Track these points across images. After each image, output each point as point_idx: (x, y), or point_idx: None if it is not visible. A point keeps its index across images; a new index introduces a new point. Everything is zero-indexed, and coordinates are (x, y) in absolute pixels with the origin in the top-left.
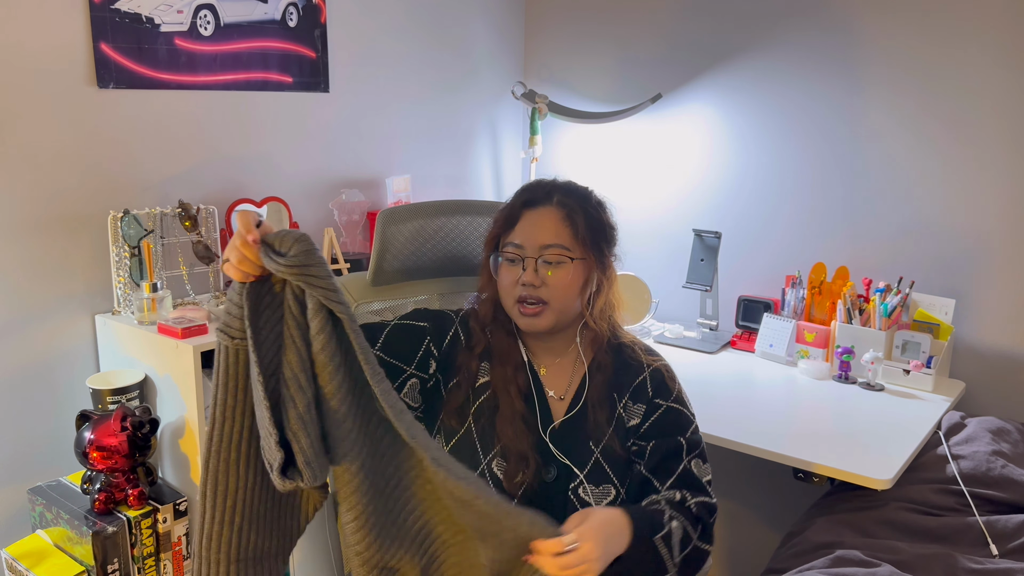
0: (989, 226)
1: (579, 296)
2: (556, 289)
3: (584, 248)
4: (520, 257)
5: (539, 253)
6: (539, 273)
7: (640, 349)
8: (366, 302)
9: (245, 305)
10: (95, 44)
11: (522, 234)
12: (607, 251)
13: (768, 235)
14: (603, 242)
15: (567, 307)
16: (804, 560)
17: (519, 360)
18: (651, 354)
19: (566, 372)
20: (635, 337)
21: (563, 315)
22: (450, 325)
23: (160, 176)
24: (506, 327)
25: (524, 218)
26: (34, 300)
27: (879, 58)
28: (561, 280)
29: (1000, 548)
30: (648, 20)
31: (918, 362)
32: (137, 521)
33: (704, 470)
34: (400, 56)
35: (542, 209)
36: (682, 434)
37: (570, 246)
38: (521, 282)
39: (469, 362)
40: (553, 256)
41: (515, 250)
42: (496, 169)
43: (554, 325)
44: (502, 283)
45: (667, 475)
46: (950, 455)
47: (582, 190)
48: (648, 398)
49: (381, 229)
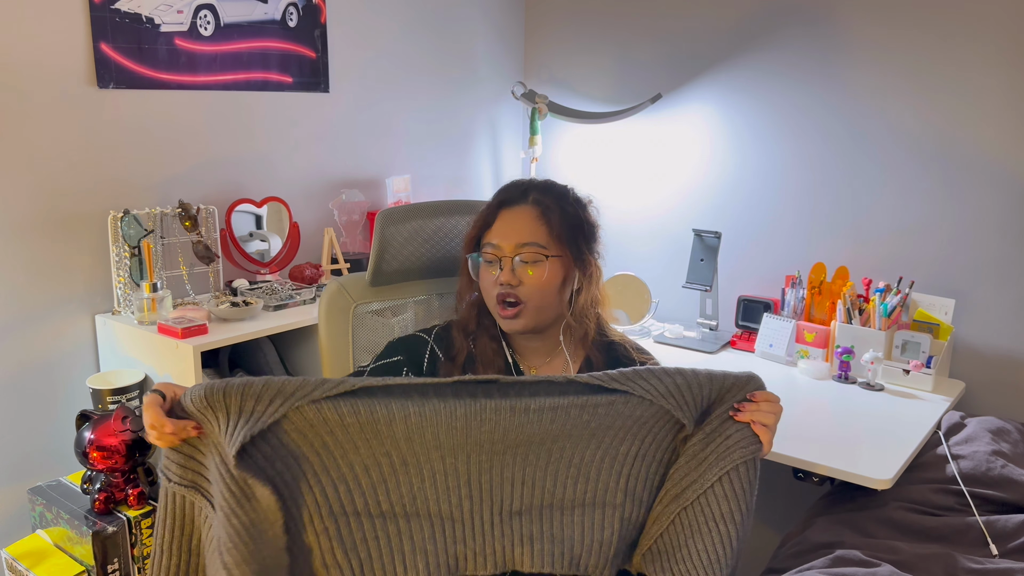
0: (989, 226)
1: (558, 294)
2: (532, 288)
3: (560, 245)
4: (497, 257)
5: (515, 252)
6: (516, 272)
7: (631, 348)
8: (365, 303)
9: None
10: (95, 44)
11: (498, 234)
12: (586, 248)
13: (768, 235)
14: (581, 239)
15: (545, 305)
16: (804, 560)
17: (502, 364)
18: (642, 353)
19: (555, 372)
20: (624, 335)
21: (542, 313)
22: (424, 347)
23: (160, 176)
24: (490, 331)
25: (500, 218)
26: (34, 300)
27: (879, 58)
28: (537, 279)
29: (1000, 548)
30: (648, 21)
31: (918, 362)
32: (137, 521)
33: None
34: (400, 56)
35: (517, 208)
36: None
37: (545, 244)
38: (498, 282)
39: (451, 373)
40: (529, 254)
41: (492, 250)
42: (496, 169)
43: (535, 325)
44: (482, 284)
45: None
46: (950, 455)
47: (559, 188)
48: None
49: (380, 229)
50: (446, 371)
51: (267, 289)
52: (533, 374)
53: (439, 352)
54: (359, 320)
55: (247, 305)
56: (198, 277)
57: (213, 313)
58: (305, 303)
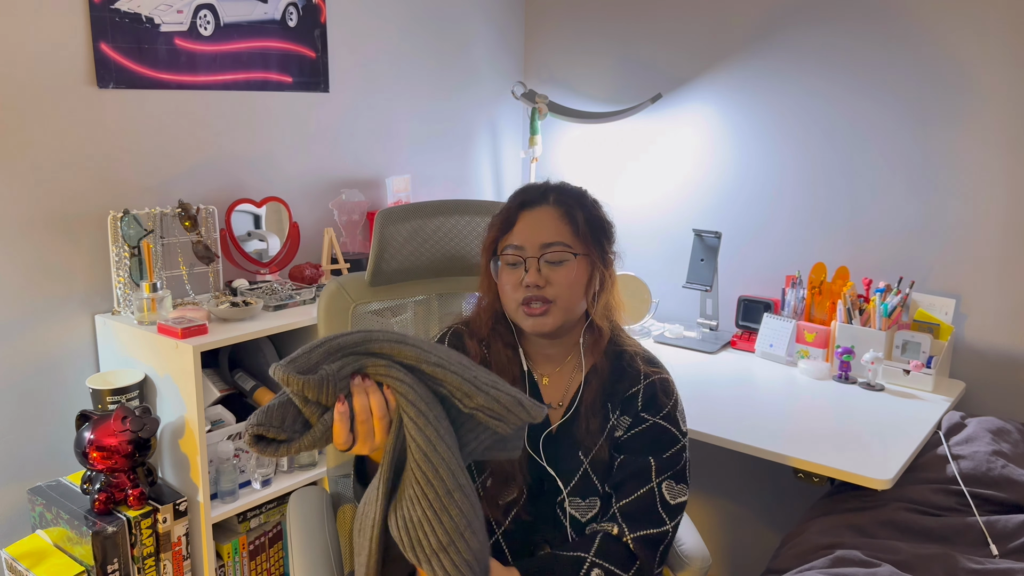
0: (989, 226)
1: (584, 294)
2: (561, 287)
3: (586, 244)
4: (521, 259)
5: (540, 252)
6: (542, 273)
7: (641, 359)
8: (364, 303)
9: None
10: (95, 44)
11: (521, 235)
12: (608, 247)
13: (768, 235)
14: (603, 238)
15: (572, 305)
16: (804, 560)
17: (517, 372)
18: (652, 365)
19: (565, 380)
20: (639, 345)
21: (569, 313)
22: None
23: (160, 176)
24: (505, 338)
25: (522, 219)
26: (34, 300)
27: (879, 57)
28: (565, 277)
29: (1000, 548)
30: (648, 20)
31: (918, 362)
32: (137, 521)
33: (677, 492)
34: (400, 56)
35: (540, 209)
36: (657, 453)
37: (571, 243)
38: (524, 283)
39: None
40: (555, 254)
41: (515, 252)
42: (496, 169)
43: (561, 325)
44: (504, 288)
45: (625, 495)
46: (950, 455)
47: (577, 189)
48: (636, 411)
49: (379, 229)
50: None
51: (267, 289)
52: (545, 383)
53: None
54: (358, 320)
55: (247, 305)
56: (198, 277)
57: (213, 313)
58: (305, 303)
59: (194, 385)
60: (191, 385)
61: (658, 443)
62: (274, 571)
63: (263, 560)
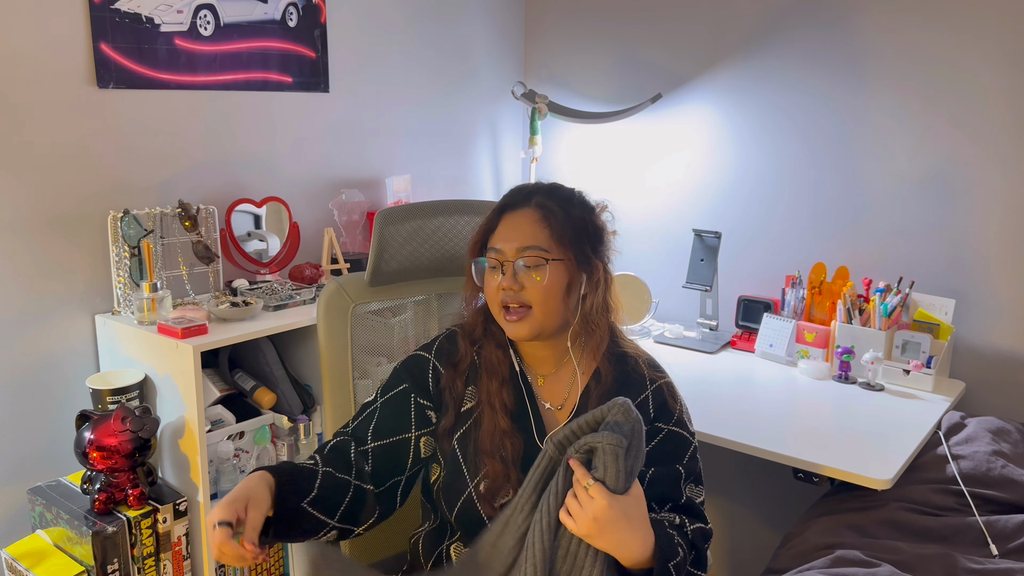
0: (989, 226)
1: (563, 300)
2: (535, 292)
3: (563, 248)
4: (499, 262)
5: (517, 256)
6: (518, 277)
7: (644, 363)
8: (364, 303)
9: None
10: (95, 44)
11: (501, 238)
12: (592, 252)
13: (768, 235)
14: (586, 242)
15: (550, 310)
16: (804, 560)
17: (506, 373)
18: (655, 369)
19: (564, 382)
20: (638, 347)
21: (547, 319)
22: (426, 365)
23: (160, 176)
24: (497, 338)
25: (503, 222)
26: (34, 300)
27: (879, 57)
28: (540, 283)
29: (1000, 548)
30: (648, 20)
31: (918, 362)
32: (137, 521)
33: (697, 492)
34: (400, 56)
35: (520, 212)
36: (681, 460)
37: (547, 247)
38: (501, 287)
39: (452, 380)
40: (530, 258)
41: (495, 255)
42: (496, 169)
43: (539, 331)
44: (486, 290)
45: (665, 502)
46: (950, 455)
47: (566, 191)
48: (650, 420)
49: (379, 229)
50: (448, 379)
51: (267, 289)
52: (541, 384)
53: (441, 368)
54: (358, 320)
55: (247, 305)
56: (198, 277)
57: (213, 313)
58: (305, 303)
59: (194, 385)
60: (191, 385)
61: (678, 449)
62: (274, 571)
63: (263, 560)
